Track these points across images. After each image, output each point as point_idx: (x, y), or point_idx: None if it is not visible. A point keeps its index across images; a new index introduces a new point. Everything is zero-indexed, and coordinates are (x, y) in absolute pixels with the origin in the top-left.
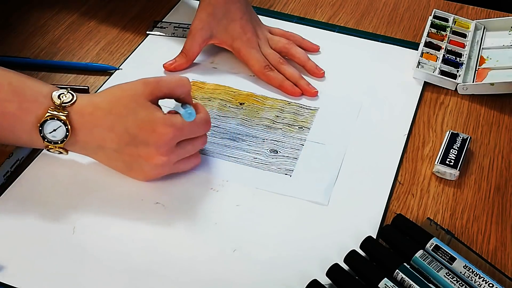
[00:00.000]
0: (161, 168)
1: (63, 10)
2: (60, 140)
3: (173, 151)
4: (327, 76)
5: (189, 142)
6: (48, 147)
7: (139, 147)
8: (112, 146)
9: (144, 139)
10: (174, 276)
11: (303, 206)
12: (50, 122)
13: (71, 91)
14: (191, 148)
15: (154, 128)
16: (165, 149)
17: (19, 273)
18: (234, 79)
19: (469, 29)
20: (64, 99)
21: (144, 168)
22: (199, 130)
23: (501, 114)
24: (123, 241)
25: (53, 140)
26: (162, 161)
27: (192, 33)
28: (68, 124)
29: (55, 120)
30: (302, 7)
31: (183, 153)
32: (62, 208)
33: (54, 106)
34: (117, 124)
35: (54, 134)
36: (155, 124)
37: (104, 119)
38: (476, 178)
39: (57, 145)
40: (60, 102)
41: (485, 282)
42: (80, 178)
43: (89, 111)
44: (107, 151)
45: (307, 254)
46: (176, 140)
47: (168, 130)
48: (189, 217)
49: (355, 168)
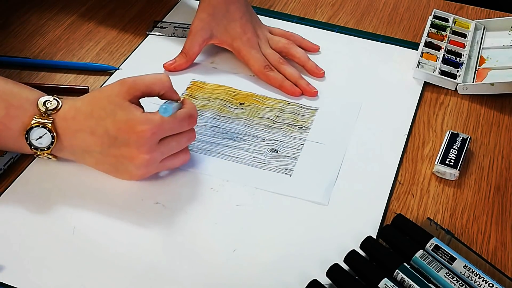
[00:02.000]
0: (146, 167)
1: (63, 10)
2: (46, 147)
3: (155, 149)
4: (327, 76)
5: (173, 138)
6: (36, 154)
7: (121, 148)
8: (96, 149)
9: (124, 139)
10: (174, 276)
11: (303, 206)
12: (35, 130)
13: (57, 97)
14: (176, 145)
15: (132, 127)
16: (146, 147)
17: (19, 273)
18: (234, 79)
19: (469, 29)
20: (49, 106)
21: (129, 168)
22: (182, 125)
23: (501, 114)
24: (123, 241)
25: (40, 147)
26: (145, 160)
27: (192, 33)
28: (53, 131)
29: (40, 127)
30: (302, 7)
31: (167, 150)
32: (62, 208)
33: (40, 113)
34: (98, 127)
35: (40, 141)
36: (132, 123)
37: (86, 123)
38: (476, 178)
39: (45, 152)
40: (45, 109)
41: (485, 282)
42: (80, 178)
43: (72, 116)
44: (93, 154)
45: (307, 254)
46: (156, 137)
47: (146, 127)
48: (189, 217)
49: (355, 168)
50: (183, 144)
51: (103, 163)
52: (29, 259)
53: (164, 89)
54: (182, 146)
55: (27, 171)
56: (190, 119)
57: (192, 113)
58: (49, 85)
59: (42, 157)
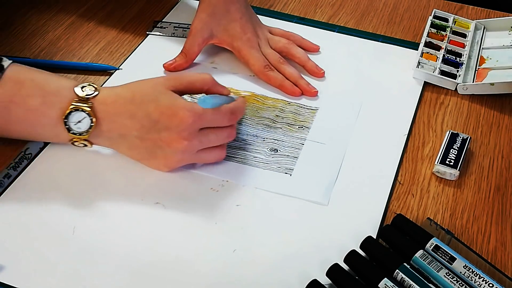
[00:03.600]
0: (183, 153)
1: (63, 11)
2: (84, 131)
3: (195, 136)
4: (327, 76)
5: (212, 130)
6: (73, 140)
7: (161, 132)
8: (133, 133)
9: (165, 123)
10: (174, 276)
11: (303, 206)
12: (74, 114)
13: (93, 84)
14: (214, 138)
15: (175, 112)
16: (186, 133)
17: (19, 273)
18: (234, 79)
19: (469, 29)
20: (87, 91)
21: (166, 153)
22: (222, 119)
23: (501, 114)
24: (123, 241)
25: (78, 132)
26: (184, 145)
27: (192, 33)
28: (93, 115)
29: (79, 111)
30: (302, 7)
31: (206, 141)
32: (62, 208)
33: (78, 98)
34: (139, 111)
35: (79, 125)
36: (176, 108)
37: (126, 107)
38: (476, 178)
39: (82, 137)
40: (83, 94)
41: (485, 282)
42: (80, 178)
43: (112, 100)
44: (129, 139)
45: (307, 254)
46: (197, 125)
47: (188, 114)
48: (189, 217)
49: (355, 168)
50: (221, 139)
51: (139, 147)
52: (29, 259)
53: (207, 85)
54: (220, 141)
55: (27, 171)
56: (231, 115)
57: (235, 110)
58: None
59: (78, 143)
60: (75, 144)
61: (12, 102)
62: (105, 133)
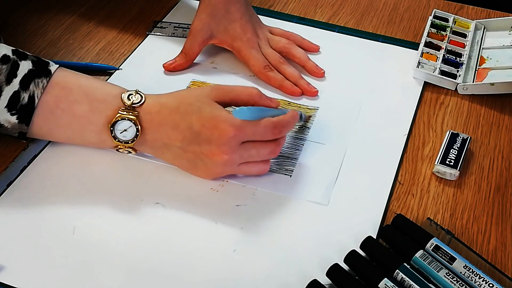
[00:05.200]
0: (224, 166)
1: (63, 11)
2: (130, 140)
3: (235, 151)
4: (327, 76)
5: (253, 145)
6: (118, 147)
7: (202, 144)
8: (176, 144)
9: (206, 136)
10: (174, 276)
11: (303, 206)
12: (121, 122)
13: (140, 91)
14: (255, 153)
15: (216, 125)
16: (227, 147)
17: (19, 273)
18: (234, 79)
19: (469, 29)
20: (133, 99)
21: (207, 165)
22: (264, 133)
23: (501, 114)
24: (123, 241)
25: (124, 140)
26: (224, 159)
27: (192, 33)
28: (138, 124)
29: (126, 120)
30: (302, 7)
31: (246, 155)
32: (62, 208)
33: (125, 106)
34: (182, 122)
35: (124, 134)
36: (217, 121)
37: (170, 117)
38: (476, 178)
39: (127, 145)
40: (130, 102)
41: (485, 282)
42: (80, 178)
43: (156, 110)
44: (172, 149)
45: (307, 254)
46: (238, 139)
47: (229, 127)
48: (189, 217)
49: (355, 168)
50: (262, 155)
51: (182, 157)
52: (29, 259)
53: (253, 99)
54: (261, 157)
55: (27, 171)
56: (274, 129)
57: (278, 124)
58: None
59: (123, 150)
60: (119, 150)
61: (59, 108)
62: (149, 142)
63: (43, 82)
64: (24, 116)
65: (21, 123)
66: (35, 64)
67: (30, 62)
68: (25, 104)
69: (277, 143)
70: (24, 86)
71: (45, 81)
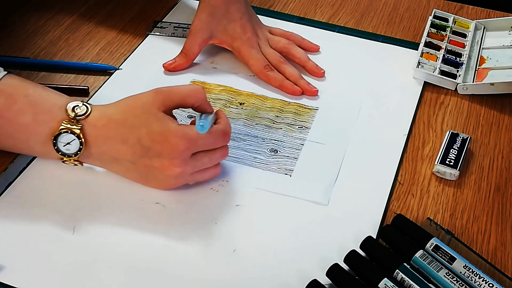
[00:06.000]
0: (176, 179)
1: (63, 10)
2: (74, 153)
3: (187, 163)
4: (327, 76)
5: (205, 154)
6: (63, 160)
7: (153, 158)
8: (126, 158)
9: (157, 150)
10: (174, 276)
11: (303, 206)
12: (64, 135)
13: (86, 102)
14: (208, 161)
15: (167, 139)
16: (178, 160)
17: (19, 273)
18: (234, 79)
19: (469, 29)
20: (78, 111)
21: (159, 178)
22: (215, 142)
23: (501, 114)
24: (123, 241)
25: (67, 153)
26: (176, 172)
27: (192, 33)
28: (82, 138)
29: (68, 133)
30: (302, 7)
31: (199, 165)
32: (62, 208)
33: (69, 119)
34: (130, 136)
35: (68, 147)
36: (167, 135)
37: (117, 131)
38: (476, 178)
39: (72, 158)
40: (74, 114)
41: (485, 282)
42: (80, 178)
43: (103, 123)
44: (122, 162)
45: (307, 254)
46: (189, 151)
47: (181, 141)
48: (189, 217)
49: (355, 168)
50: (215, 160)
51: (133, 171)
52: (29, 259)
53: (199, 101)
54: (214, 162)
55: (27, 171)
56: (224, 137)
57: (227, 130)
58: (49, 85)
59: (69, 163)
60: (65, 163)
61: (3, 118)
62: (95, 155)
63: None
64: None
65: None
66: None
67: None
68: None
69: (225, 146)
70: None
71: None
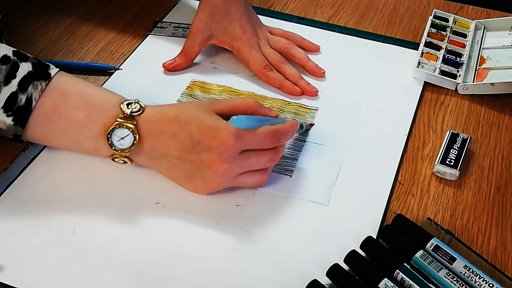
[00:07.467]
0: (222, 177)
1: (63, 11)
2: (127, 148)
3: (235, 160)
4: (327, 76)
5: (253, 153)
6: (114, 155)
7: (201, 153)
8: (174, 153)
9: (206, 145)
10: (174, 276)
11: (303, 206)
12: (118, 130)
13: (140, 101)
14: (255, 161)
15: (217, 133)
16: (227, 155)
17: (19, 273)
18: (234, 79)
19: (469, 29)
20: (132, 108)
21: (205, 176)
22: (264, 141)
23: (501, 114)
24: (123, 241)
25: (120, 148)
26: (223, 168)
27: (192, 33)
28: (136, 133)
29: (123, 128)
30: (302, 7)
31: (246, 164)
32: (62, 208)
33: (123, 115)
34: (181, 131)
35: (121, 142)
36: (217, 129)
37: (169, 126)
38: (476, 178)
39: (123, 153)
40: (129, 111)
41: (485, 282)
42: (80, 178)
43: (155, 119)
44: (169, 159)
45: (307, 254)
46: (237, 148)
47: (229, 136)
48: (189, 217)
49: (355, 168)
50: (262, 163)
51: (178, 168)
52: (29, 259)
53: (252, 108)
54: (261, 165)
55: (27, 171)
56: (272, 137)
57: (277, 132)
58: None
59: (119, 160)
60: (115, 160)
61: (56, 112)
62: (146, 152)
63: (42, 85)
64: (20, 118)
65: (16, 125)
66: (35, 67)
67: (30, 64)
68: (22, 106)
69: (276, 151)
70: (22, 87)
71: (44, 84)
